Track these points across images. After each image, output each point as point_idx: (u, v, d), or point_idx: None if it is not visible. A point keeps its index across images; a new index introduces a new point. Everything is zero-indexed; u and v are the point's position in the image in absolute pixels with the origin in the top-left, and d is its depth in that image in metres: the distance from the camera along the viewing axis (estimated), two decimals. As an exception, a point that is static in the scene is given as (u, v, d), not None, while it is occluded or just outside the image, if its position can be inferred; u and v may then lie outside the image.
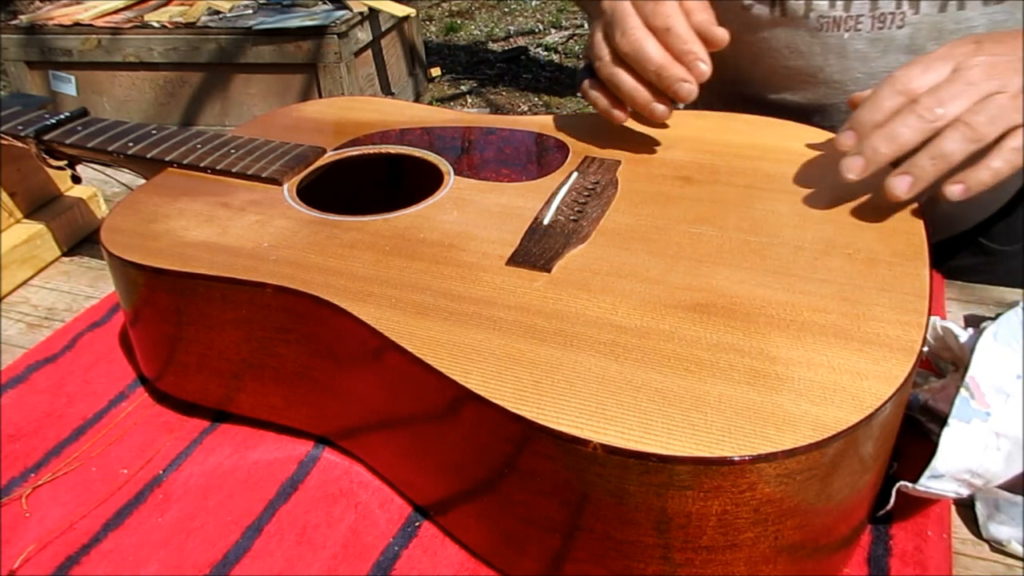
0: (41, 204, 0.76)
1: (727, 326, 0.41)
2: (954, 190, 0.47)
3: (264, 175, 0.57)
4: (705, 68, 0.53)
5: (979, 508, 0.44)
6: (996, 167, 0.46)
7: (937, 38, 0.60)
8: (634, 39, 0.54)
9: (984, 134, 0.46)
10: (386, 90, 2.91)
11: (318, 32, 2.57)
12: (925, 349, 0.44)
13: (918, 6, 0.59)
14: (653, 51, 0.54)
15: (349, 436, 0.50)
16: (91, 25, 2.73)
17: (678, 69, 0.53)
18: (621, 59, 0.56)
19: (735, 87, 0.68)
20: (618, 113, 0.57)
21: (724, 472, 0.34)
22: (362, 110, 0.70)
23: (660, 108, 0.55)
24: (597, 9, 0.59)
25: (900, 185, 0.47)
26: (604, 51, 0.57)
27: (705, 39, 0.55)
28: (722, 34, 0.55)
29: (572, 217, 0.51)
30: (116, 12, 2.83)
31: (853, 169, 0.47)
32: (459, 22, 4.01)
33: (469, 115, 0.67)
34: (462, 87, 3.33)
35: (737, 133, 0.61)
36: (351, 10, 2.67)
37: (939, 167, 0.46)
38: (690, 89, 0.53)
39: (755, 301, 0.43)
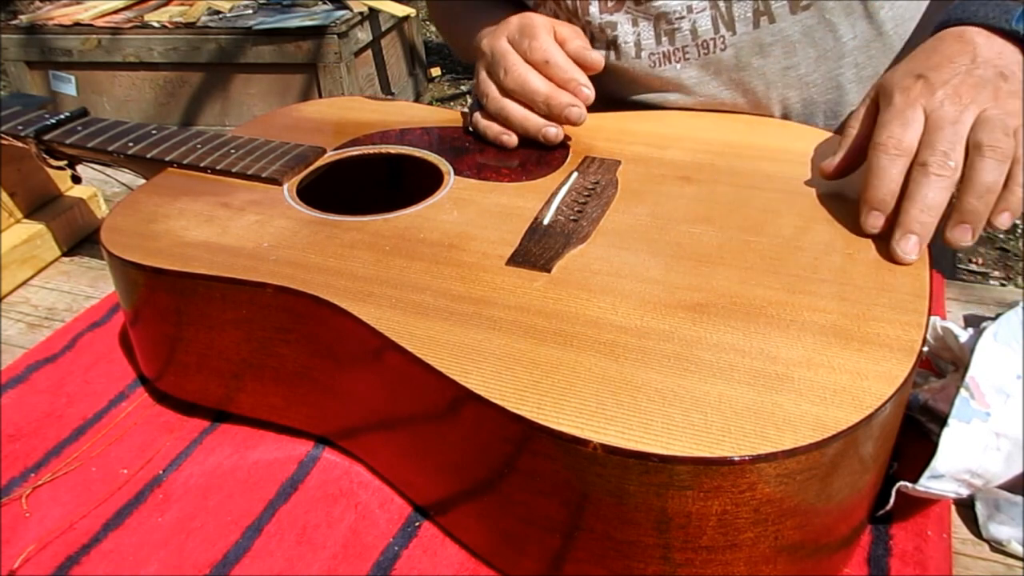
0: (41, 204, 0.76)
1: (727, 326, 0.41)
2: (1003, 219, 0.46)
3: (264, 175, 0.57)
4: (589, 92, 0.59)
5: (979, 508, 0.44)
6: None
7: (759, 52, 0.64)
8: (518, 75, 0.59)
9: (1008, 149, 0.45)
10: (386, 90, 2.91)
11: (318, 32, 2.57)
12: (925, 349, 0.44)
13: (735, 27, 0.63)
14: (538, 84, 0.59)
15: (349, 436, 0.50)
16: (91, 25, 2.73)
17: (565, 96, 0.58)
18: (508, 93, 0.60)
19: (608, 109, 0.73)
20: (507, 138, 0.61)
21: (724, 472, 0.34)
22: (362, 110, 0.70)
23: (552, 131, 0.60)
24: (477, 52, 0.64)
25: (964, 236, 0.46)
26: (490, 88, 0.62)
27: (582, 65, 0.60)
28: (597, 58, 0.60)
29: (572, 217, 0.51)
30: (116, 12, 2.83)
31: (913, 252, 0.45)
32: (459, 22, 4.00)
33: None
34: (462, 87, 3.33)
35: (737, 133, 0.61)
36: (351, 10, 2.67)
37: (988, 201, 0.45)
38: (579, 113, 0.58)
39: (755, 301, 0.43)
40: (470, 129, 0.64)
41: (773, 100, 0.65)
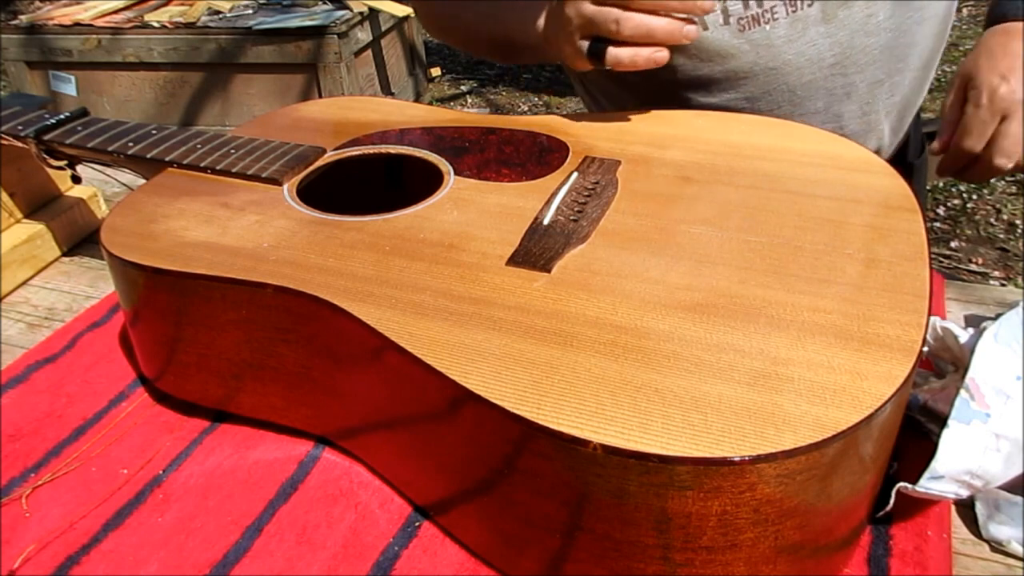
0: (41, 204, 0.76)
1: (727, 326, 0.41)
2: None
3: (264, 175, 0.57)
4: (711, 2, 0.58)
5: (979, 508, 0.44)
6: None
7: (844, 3, 0.66)
8: None
9: None
10: (386, 90, 2.91)
11: (318, 32, 2.57)
12: (925, 349, 0.44)
13: None
14: None
15: (349, 436, 0.50)
16: (91, 25, 2.73)
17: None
18: (641, 10, 0.58)
19: (677, 92, 0.72)
20: (661, 55, 0.59)
21: (724, 472, 0.34)
22: (362, 110, 0.70)
23: (692, 28, 0.58)
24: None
25: None
26: (615, 12, 0.59)
27: (693, 11, 0.59)
28: (709, 3, 0.59)
29: (572, 217, 0.51)
30: (116, 12, 2.83)
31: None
32: (459, 22, 4.00)
33: (469, 115, 0.67)
34: (462, 87, 3.33)
35: (737, 133, 0.61)
36: (351, 10, 2.67)
37: None
38: (712, 4, 0.58)
39: (755, 301, 0.43)
40: (607, 69, 0.61)
41: (856, 49, 0.68)
